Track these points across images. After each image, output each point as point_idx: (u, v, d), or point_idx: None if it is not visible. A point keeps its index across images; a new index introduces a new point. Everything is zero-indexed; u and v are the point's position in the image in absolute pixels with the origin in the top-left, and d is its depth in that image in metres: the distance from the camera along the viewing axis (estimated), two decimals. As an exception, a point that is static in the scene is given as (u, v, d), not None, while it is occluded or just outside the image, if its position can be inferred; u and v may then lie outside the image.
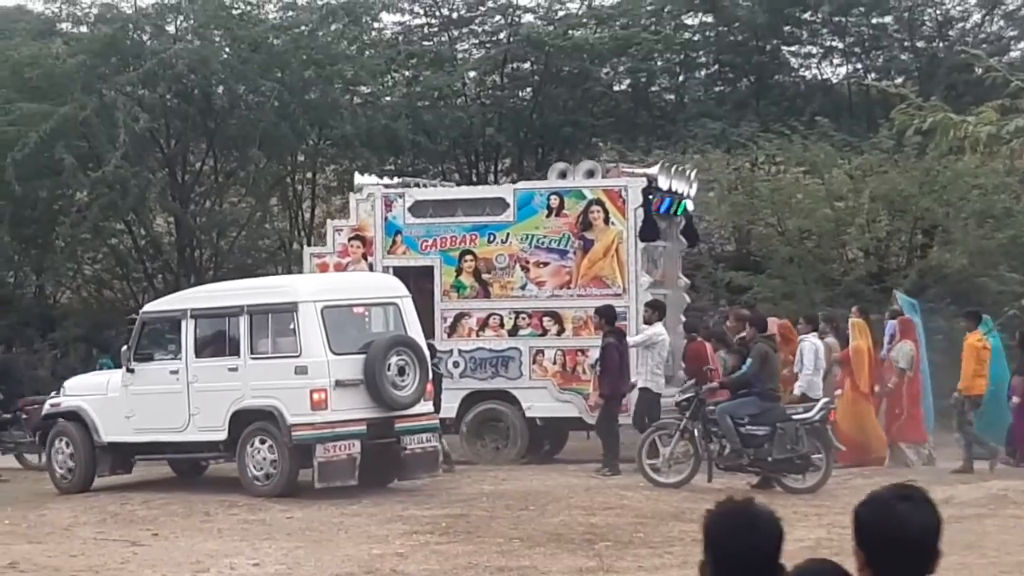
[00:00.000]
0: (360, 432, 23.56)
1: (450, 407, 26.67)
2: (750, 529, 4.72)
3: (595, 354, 25.99)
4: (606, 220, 26.82)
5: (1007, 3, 36.30)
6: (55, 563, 18.56)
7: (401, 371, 23.81)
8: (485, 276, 27.34)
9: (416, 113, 35.88)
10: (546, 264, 27.07)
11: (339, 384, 23.56)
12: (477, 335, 27.32)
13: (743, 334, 25.00)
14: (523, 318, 27.07)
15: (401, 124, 35.56)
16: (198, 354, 24.57)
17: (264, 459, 23.65)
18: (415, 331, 24.79)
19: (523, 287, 27.16)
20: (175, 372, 24.50)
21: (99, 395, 25.60)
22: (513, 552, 18.75)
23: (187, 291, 28.39)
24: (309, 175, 37.06)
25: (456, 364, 27.13)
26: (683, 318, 28.13)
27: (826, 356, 26.06)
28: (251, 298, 25.00)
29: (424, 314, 26.43)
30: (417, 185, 29.79)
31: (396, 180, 29.64)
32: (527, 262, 27.14)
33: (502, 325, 27.25)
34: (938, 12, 36.34)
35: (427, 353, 24.78)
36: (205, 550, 19.14)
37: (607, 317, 25.51)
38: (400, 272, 27.16)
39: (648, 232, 26.88)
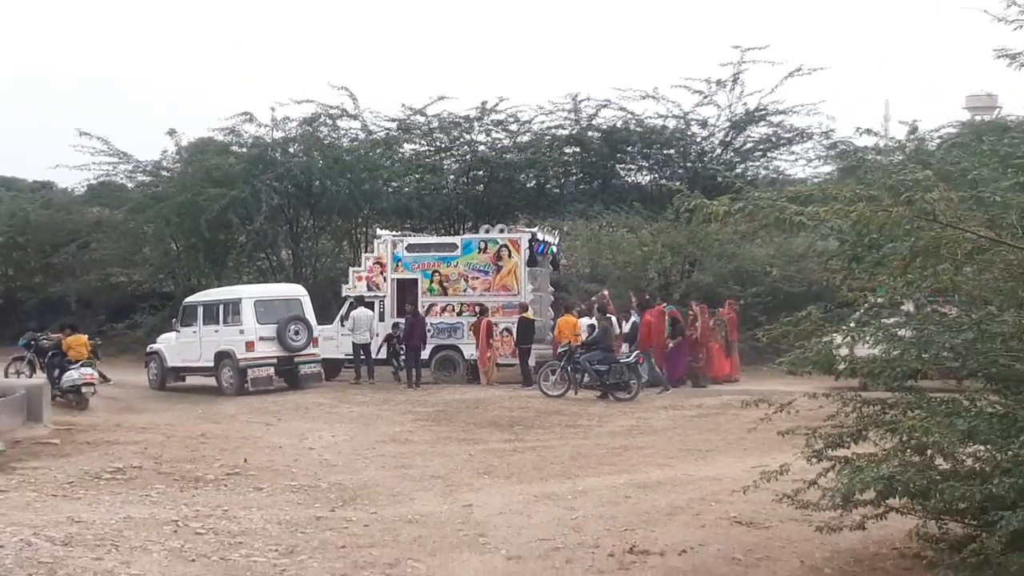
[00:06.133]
0: (272, 362, 25.46)
1: (425, 353, 26.61)
2: None
3: (503, 327, 26.42)
4: (509, 256, 26.88)
5: (736, 143, 36.59)
6: (226, 433, 18.52)
7: (296, 333, 25.56)
8: (445, 284, 27.33)
9: (421, 197, 35.68)
10: (477, 278, 27.08)
11: (261, 338, 25.30)
12: (439, 315, 27.17)
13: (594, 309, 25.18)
14: (464, 306, 27.07)
15: (413, 203, 35.25)
16: (204, 322, 26.06)
17: (230, 375, 25.35)
18: (308, 312, 26.17)
19: (464, 291, 27.17)
20: (228, 328, 25.74)
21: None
22: (470, 430, 18.79)
23: (212, 290, 28.92)
24: (364, 229, 36.92)
25: (429, 330, 26.74)
26: (550, 309, 28.13)
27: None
28: (225, 296, 26.73)
29: (412, 303, 26.97)
30: (408, 235, 29.67)
31: (397, 232, 29.61)
32: (467, 277, 27.16)
33: (453, 310, 27.23)
34: (697, 148, 36.47)
35: (313, 322, 26.16)
36: (305, 428, 19.10)
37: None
38: (400, 282, 27.58)
39: (532, 262, 27.05)
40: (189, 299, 27.39)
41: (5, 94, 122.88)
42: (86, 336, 24.48)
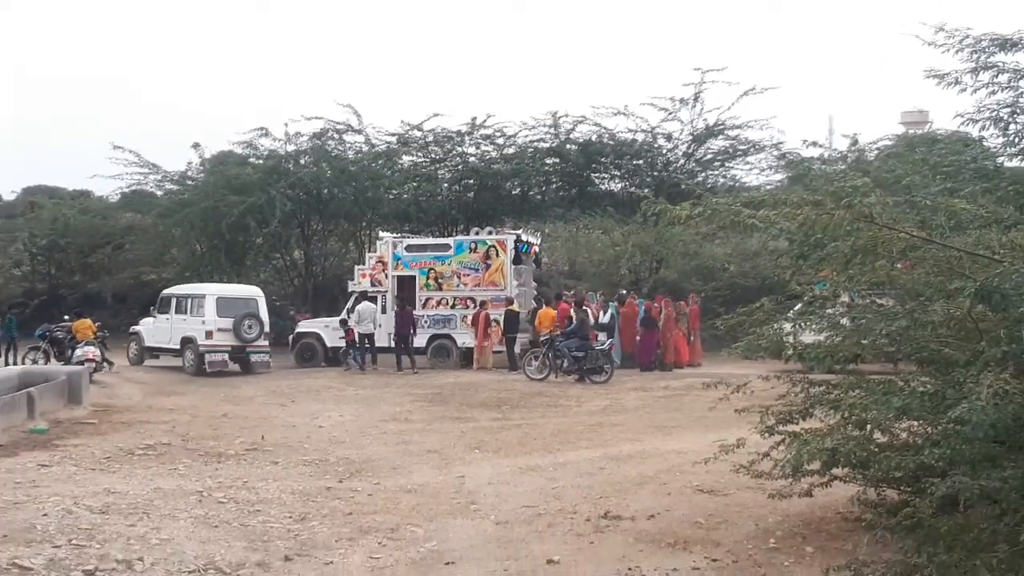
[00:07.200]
0: (227, 350, 26.01)
1: (422, 342, 26.72)
2: None
3: (492, 318, 26.14)
4: (497, 255, 26.87)
5: (697, 155, 36.68)
6: (245, 413, 18.48)
7: (249, 327, 26.01)
8: (440, 280, 27.21)
9: (418, 203, 35.54)
10: (468, 275, 27.02)
11: (219, 329, 25.82)
12: (436, 307, 27.14)
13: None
14: (457, 300, 27.01)
15: (411, 209, 35.21)
16: (176, 311, 26.63)
17: (191, 357, 26.07)
18: (262, 310, 26.68)
19: (457, 286, 27.08)
20: (193, 317, 26.34)
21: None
22: (463, 410, 18.78)
23: (184, 285, 29.09)
24: (367, 232, 36.72)
25: (426, 322, 26.92)
26: (533, 301, 27.54)
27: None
28: (193, 291, 27.19)
29: (410, 299, 26.98)
30: (407, 236, 29.61)
31: (397, 235, 29.51)
32: (459, 274, 27.09)
33: (447, 304, 27.15)
34: (662, 159, 36.40)
35: (265, 319, 26.61)
36: (316, 409, 19.05)
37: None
38: (400, 279, 27.54)
39: (516, 260, 27.07)
40: (166, 291, 28.12)
41: (48, 107, 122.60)
42: (90, 320, 25.86)
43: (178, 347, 26.44)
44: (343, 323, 26.96)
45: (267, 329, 26.64)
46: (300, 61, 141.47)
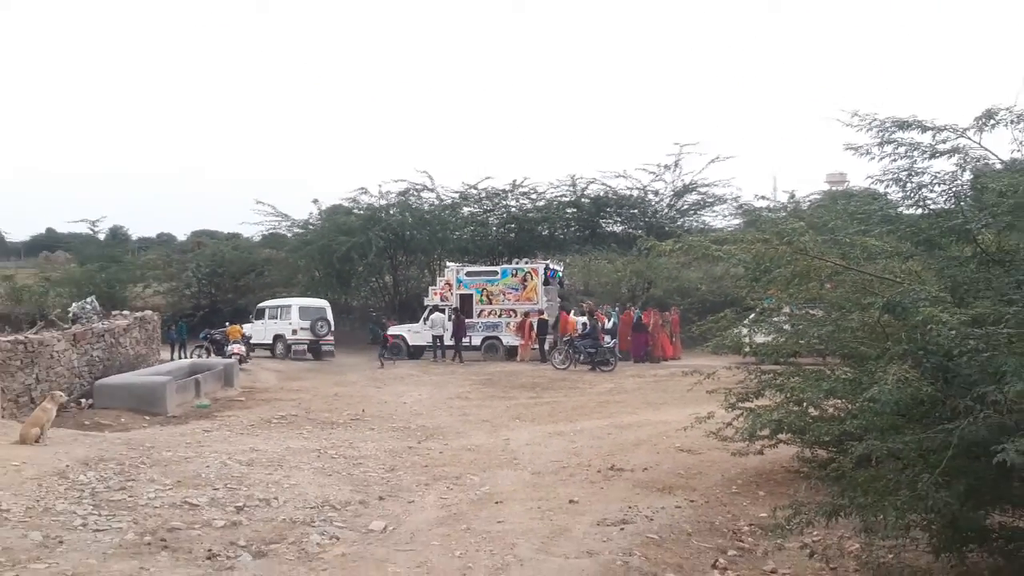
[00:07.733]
0: (305, 342, 26.72)
1: (477, 341, 26.62)
2: None
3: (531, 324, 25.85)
4: (531, 279, 26.79)
5: (677, 205, 36.54)
6: (350, 393, 18.57)
7: (320, 326, 26.77)
8: (490, 297, 27.11)
9: (475, 241, 35.55)
10: (510, 293, 26.90)
11: (301, 328, 26.77)
12: (487, 316, 27.01)
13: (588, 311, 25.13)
14: (503, 312, 26.88)
15: (470, 245, 35.10)
16: (268, 317, 27.62)
17: (281, 348, 26.85)
18: (329, 316, 27.39)
19: (503, 301, 26.95)
20: (282, 321, 27.16)
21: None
22: (507, 391, 18.75)
23: (274, 300, 29.56)
24: (438, 262, 36.79)
25: (480, 327, 26.77)
26: (557, 310, 27.27)
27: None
28: (282, 303, 28.10)
29: (467, 311, 26.87)
30: (467, 265, 29.39)
31: (460, 264, 29.51)
32: (504, 293, 26.99)
33: (496, 314, 27.00)
34: (652, 209, 36.36)
35: (331, 321, 27.24)
36: (401, 390, 19.10)
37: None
38: (462, 296, 27.26)
39: (546, 282, 26.89)
40: (260, 304, 29.13)
41: (208, 167, 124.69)
42: (238, 326, 26.41)
43: (270, 342, 27.25)
44: (382, 325, 27.21)
45: (332, 328, 27.32)
46: (391, 141, 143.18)
